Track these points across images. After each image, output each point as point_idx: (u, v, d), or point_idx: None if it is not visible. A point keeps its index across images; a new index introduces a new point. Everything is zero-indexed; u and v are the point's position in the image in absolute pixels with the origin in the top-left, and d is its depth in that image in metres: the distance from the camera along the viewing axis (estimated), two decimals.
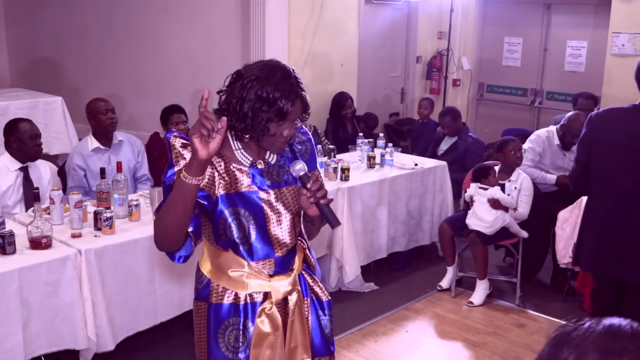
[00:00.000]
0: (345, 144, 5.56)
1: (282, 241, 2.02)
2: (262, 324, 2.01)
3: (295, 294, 2.07)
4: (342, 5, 6.85)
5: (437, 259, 5.08)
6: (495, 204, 4.37)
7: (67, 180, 4.26)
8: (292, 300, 2.06)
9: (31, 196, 3.71)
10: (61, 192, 3.58)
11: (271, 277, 2.02)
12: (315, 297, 2.17)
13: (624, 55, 6.57)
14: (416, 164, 4.94)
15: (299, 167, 1.95)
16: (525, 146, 4.76)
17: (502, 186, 4.47)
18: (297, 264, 2.10)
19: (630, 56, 6.52)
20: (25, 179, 3.88)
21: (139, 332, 3.44)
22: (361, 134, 5.49)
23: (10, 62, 8.61)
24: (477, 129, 7.85)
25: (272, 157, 2.02)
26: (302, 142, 2.10)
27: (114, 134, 4.33)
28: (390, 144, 5.02)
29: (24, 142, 3.85)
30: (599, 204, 3.14)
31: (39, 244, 3.10)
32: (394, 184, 4.72)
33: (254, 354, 2.01)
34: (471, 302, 4.44)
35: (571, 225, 4.23)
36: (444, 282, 4.66)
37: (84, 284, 3.12)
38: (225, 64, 6.56)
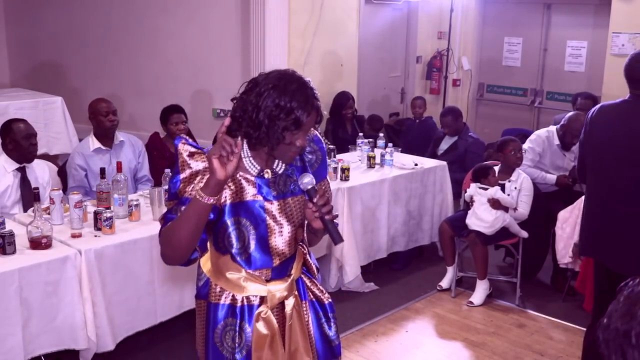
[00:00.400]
0: (345, 144, 5.55)
1: (281, 251, 2.02)
2: (261, 328, 2.01)
3: (292, 299, 2.07)
4: (342, 5, 6.85)
5: (437, 259, 5.08)
6: (495, 204, 4.37)
7: (68, 180, 4.25)
8: (289, 304, 2.06)
9: (29, 197, 3.71)
10: (61, 192, 3.58)
11: (268, 282, 2.03)
12: (316, 299, 2.17)
13: (624, 55, 6.49)
14: (416, 164, 4.94)
15: (307, 181, 1.94)
16: (525, 146, 4.76)
17: (502, 186, 4.47)
18: (295, 269, 2.09)
19: None
20: (22, 180, 3.88)
21: (139, 332, 3.44)
22: (361, 134, 5.49)
23: (10, 62, 8.62)
24: (477, 129, 7.85)
25: (280, 166, 2.01)
26: (313, 152, 2.09)
27: (116, 134, 4.33)
28: (390, 144, 5.02)
29: (18, 142, 3.84)
30: (590, 193, 3.27)
31: (39, 244, 3.10)
32: (394, 184, 4.72)
33: (255, 357, 2.01)
34: (471, 302, 4.44)
35: (571, 225, 4.24)
36: (444, 282, 4.66)
37: (84, 284, 3.12)
38: (225, 64, 6.57)
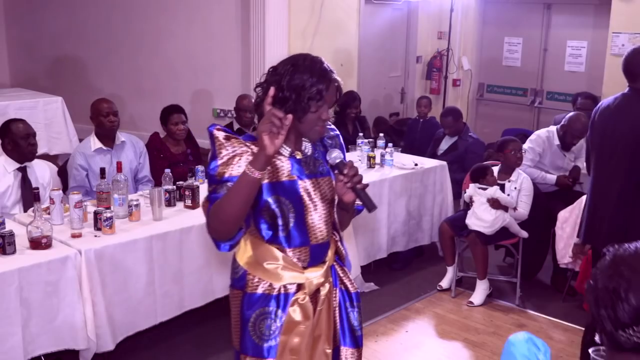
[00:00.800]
0: (345, 144, 5.54)
1: (318, 229, 2.10)
2: (294, 313, 2.08)
3: (327, 285, 2.16)
4: (342, 5, 6.85)
5: (437, 259, 5.08)
6: (495, 203, 4.37)
7: (69, 180, 4.25)
8: (324, 291, 2.14)
9: (29, 197, 3.71)
10: (61, 192, 3.57)
11: (305, 269, 2.10)
12: (344, 288, 2.25)
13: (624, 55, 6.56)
14: (416, 164, 4.94)
15: (335, 155, 2.04)
16: (525, 146, 4.76)
17: (502, 186, 4.47)
18: (329, 256, 2.18)
19: None
20: (23, 180, 3.88)
21: (139, 331, 3.44)
22: (361, 134, 5.49)
23: (10, 62, 8.62)
24: (477, 129, 7.85)
25: (307, 148, 2.12)
26: (331, 137, 2.23)
27: (117, 134, 4.33)
28: (390, 144, 5.02)
29: (17, 142, 3.84)
30: (593, 183, 3.43)
31: (39, 244, 3.10)
32: (394, 184, 4.72)
33: (282, 340, 2.08)
34: (471, 302, 4.44)
35: (571, 225, 4.23)
36: (444, 282, 4.66)
37: (84, 284, 3.12)
38: (225, 64, 6.58)
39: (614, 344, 1.19)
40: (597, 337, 1.24)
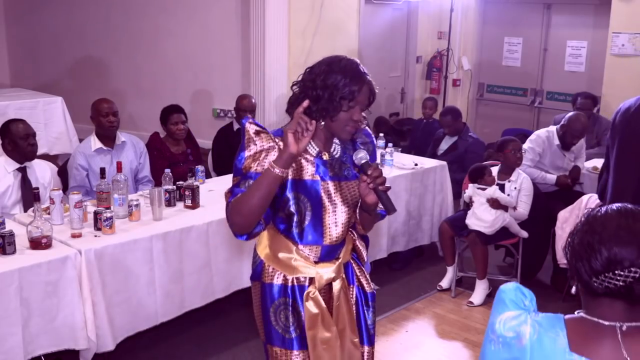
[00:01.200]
0: None
1: (334, 232, 2.15)
2: (311, 307, 2.15)
3: (339, 281, 2.20)
4: (342, 5, 6.85)
5: (437, 259, 5.08)
6: (494, 203, 4.37)
7: (69, 179, 4.25)
8: (336, 286, 2.19)
9: (29, 197, 3.71)
10: (61, 192, 3.57)
11: (316, 263, 2.16)
12: (360, 287, 2.30)
13: (624, 55, 6.57)
14: (416, 164, 4.94)
15: (361, 155, 2.07)
16: (525, 146, 4.76)
17: (502, 186, 4.48)
18: (343, 253, 2.23)
19: (630, 56, 6.53)
20: (23, 180, 3.88)
21: (139, 332, 3.44)
22: None
23: (10, 62, 8.61)
24: (477, 129, 7.85)
25: (336, 150, 2.16)
26: (365, 143, 2.25)
27: (117, 134, 4.33)
28: (390, 144, 5.02)
29: (16, 143, 3.84)
30: (611, 182, 3.41)
31: (39, 244, 3.10)
32: (394, 184, 4.71)
33: (310, 335, 2.14)
34: (471, 302, 4.44)
35: (571, 225, 4.23)
36: (444, 282, 4.67)
37: (84, 284, 3.12)
38: (225, 64, 6.58)
39: (589, 291, 1.39)
40: (573, 290, 1.47)
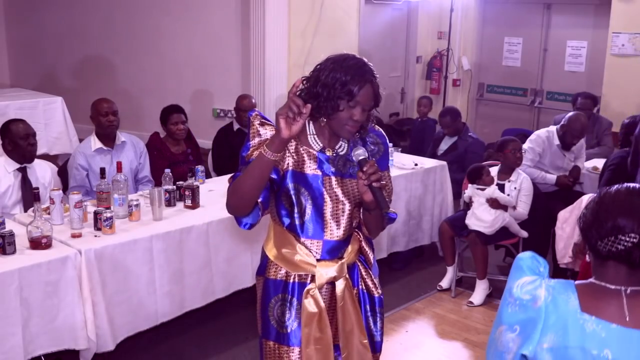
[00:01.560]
0: None
1: (335, 227, 2.14)
2: (309, 305, 2.14)
3: (342, 281, 2.18)
4: (342, 5, 6.85)
5: (437, 259, 5.08)
6: (494, 203, 4.37)
7: (69, 179, 4.25)
8: (339, 286, 2.17)
9: (29, 197, 3.71)
10: (61, 192, 3.57)
11: (318, 261, 2.14)
12: (367, 291, 2.27)
13: (624, 55, 6.57)
14: (416, 164, 4.94)
15: (359, 152, 2.05)
16: (525, 146, 4.76)
17: (501, 186, 4.48)
18: (348, 253, 2.20)
19: (630, 56, 6.53)
20: (23, 180, 3.88)
21: (139, 332, 3.44)
22: None
23: (10, 62, 8.61)
24: (477, 129, 7.85)
25: (342, 147, 2.15)
26: (376, 144, 2.24)
27: (117, 134, 4.33)
28: (390, 144, 5.01)
29: (16, 143, 3.84)
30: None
31: (39, 244, 3.10)
32: (394, 184, 4.70)
33: (304, 333, 2.13)
34: (471, 302, 4.44)
35: (571, 225, 4.23)
36: (444, 282, 4.67)
37: (84, 284, 3.12)
38: (225, 64, 6.58)
39: (596, 254, 1.56)
40: (587, 257, 1.62)
